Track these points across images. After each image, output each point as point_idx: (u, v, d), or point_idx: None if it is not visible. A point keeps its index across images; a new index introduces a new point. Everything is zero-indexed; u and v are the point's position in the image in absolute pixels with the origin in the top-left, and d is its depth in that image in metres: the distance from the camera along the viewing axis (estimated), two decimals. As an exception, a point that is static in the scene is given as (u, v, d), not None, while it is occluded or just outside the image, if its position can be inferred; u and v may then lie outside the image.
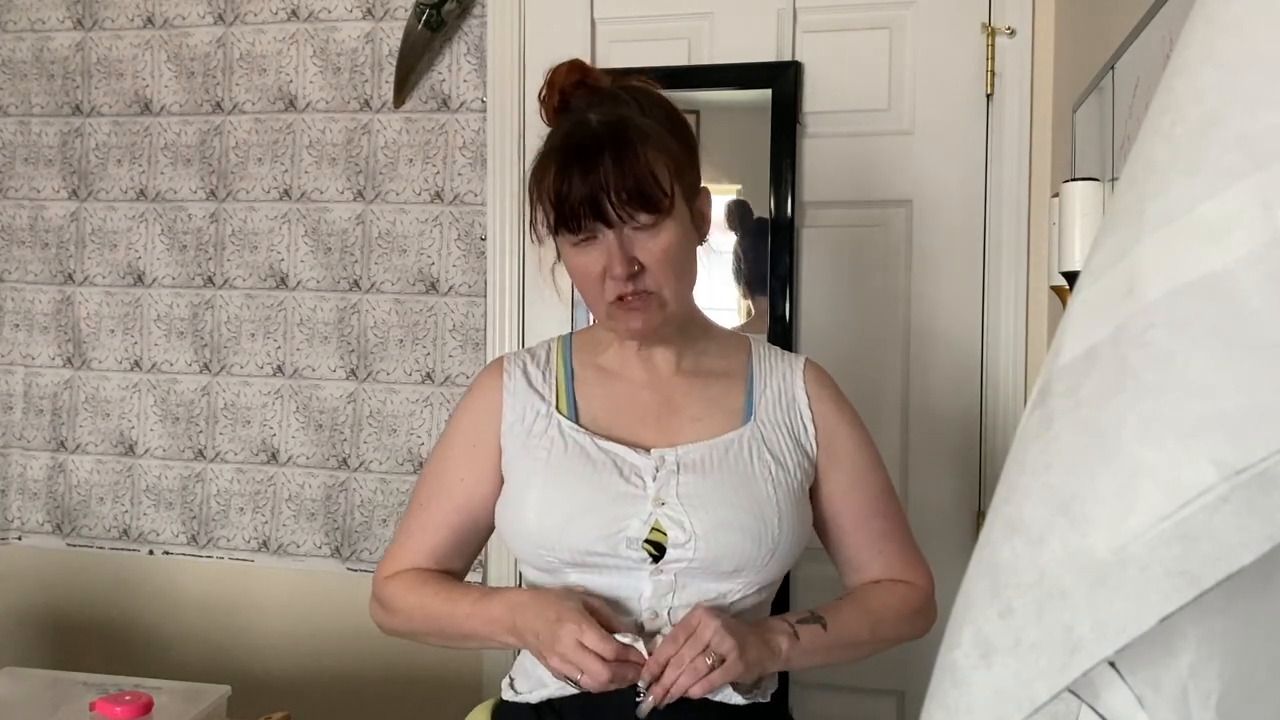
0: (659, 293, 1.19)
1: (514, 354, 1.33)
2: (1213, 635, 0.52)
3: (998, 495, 0.57)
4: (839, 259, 2.06)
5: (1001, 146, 1.99)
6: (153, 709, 1.55)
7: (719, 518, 1.17)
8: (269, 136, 2.34)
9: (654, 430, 1.24)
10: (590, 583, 1.19)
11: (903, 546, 1.31)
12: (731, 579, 1.18)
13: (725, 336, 1.36)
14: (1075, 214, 1.32)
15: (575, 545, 1.17)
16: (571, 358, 1.31)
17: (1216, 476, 0.47)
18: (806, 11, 2.06)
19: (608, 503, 1.18)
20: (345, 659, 2.29)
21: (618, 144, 1.14)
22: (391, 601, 1.29)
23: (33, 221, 2.48)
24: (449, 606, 1.23)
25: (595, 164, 1.13)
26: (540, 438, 1.24)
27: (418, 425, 2.27)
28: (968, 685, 0.54)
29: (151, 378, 2.41)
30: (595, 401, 1.27)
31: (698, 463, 1.20)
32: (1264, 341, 0.47)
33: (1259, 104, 0.50)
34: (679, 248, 1.19)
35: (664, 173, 1.16)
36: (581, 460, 1.21)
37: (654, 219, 1.16)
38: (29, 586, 2.48)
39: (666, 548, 1.17)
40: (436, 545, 1.29)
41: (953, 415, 2.02)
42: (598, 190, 1.13)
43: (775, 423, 1.26)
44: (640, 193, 1.13)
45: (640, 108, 1.20)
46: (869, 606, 1.27)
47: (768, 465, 1.22)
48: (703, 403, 1.26)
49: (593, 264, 1.18)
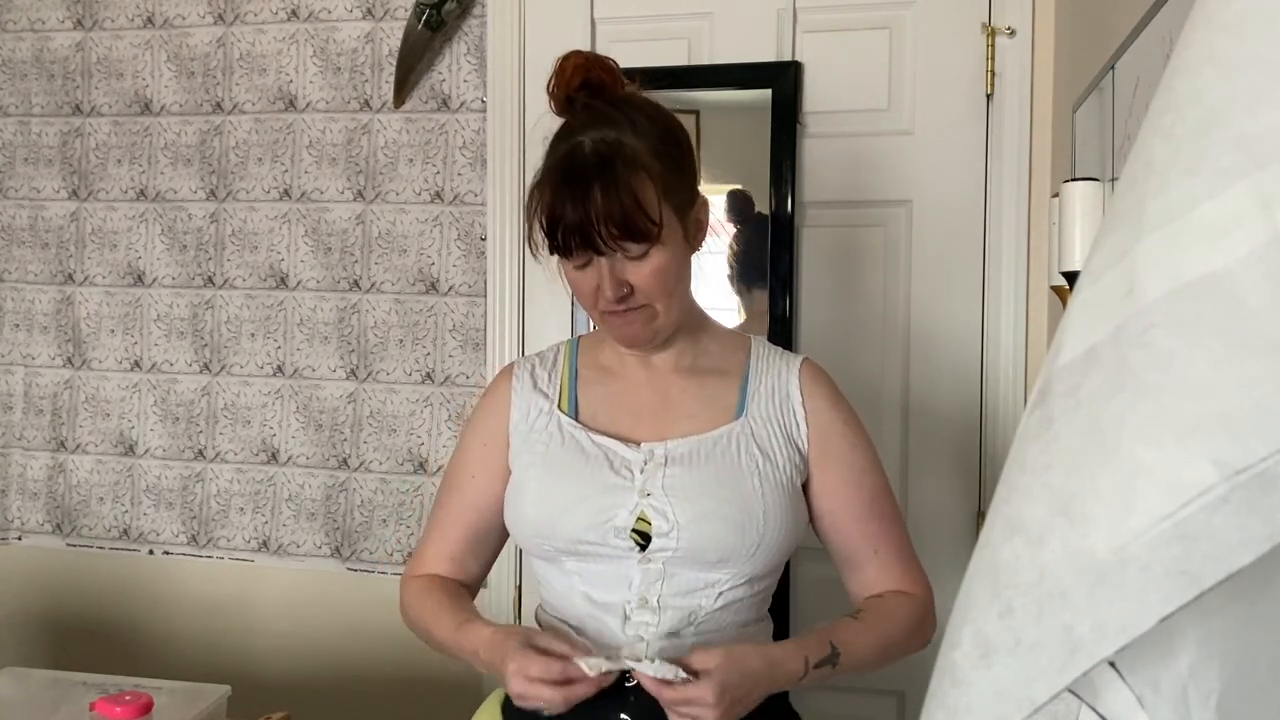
0: (651, 305, 1.23)
1: (525, 358, 1.40)
2: (1213, 635, 0.52)
3: (998, 495, 0.57)
4: (839, 259, 2.06)
5: (1001, 147, 1.98)
6: (153, 709, 1.55)
7: (702, 509, 1.20)
8: (269, 136, 2.34)
9: (649, 426, 1.28)
10: (584, 570, 1.24)
11: (900, 552, 1.31)
12: (718, 569, 1.21)
13: (726, 335, 1.38)
14: (1075, 214, 1.32)
15: (568, 534, 1.23)
16: (577, 359, 1.37)
17: (1216, 476, 0.47)
18: (806, 11, 2.06)
19: (598, 494, 1.23)
20: (345, 659, 2.29)
21: (606, 175, 1.17)
22: (405, 604, 1.36)
23: (33, 221, 2.48)
24: (435, 625, 1.30)
25: (586, 195, 1.16)
26: (540, 433, 1.30)
27: (418, 425, 2.27)
28: (968, 685, 0.54)
29: (151, 378, 2.41)
30: (595, 399, 1.32)
31: (685, 456, 1.24)
32: (1264, 341, 0.47)
33: (1259, 104, 0.50)
34: (670, 268, 1.22)
35: (651, 200, 1.18)
36: (576, 454, 1.26)
37: (644, 248, 1.19)
38: (29, 586, 2.48)
39: (652, 537, 1.21)
40: (454, 544, 1.36)
41: (953, 415, 2.02)
42: (586, 223, 1.16)
43: (766, 418, 1.28)
44: (627, 225, 1.16)
45: (634, 128, 1.21)
46: (882, 633, 1.26)
47: (755, 459, 1.24)
48: (698, 400, 1.30)
49: (586, 283, 1.23)
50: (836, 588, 1.36)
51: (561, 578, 1.27)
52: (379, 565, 2.28)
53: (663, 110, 1.27)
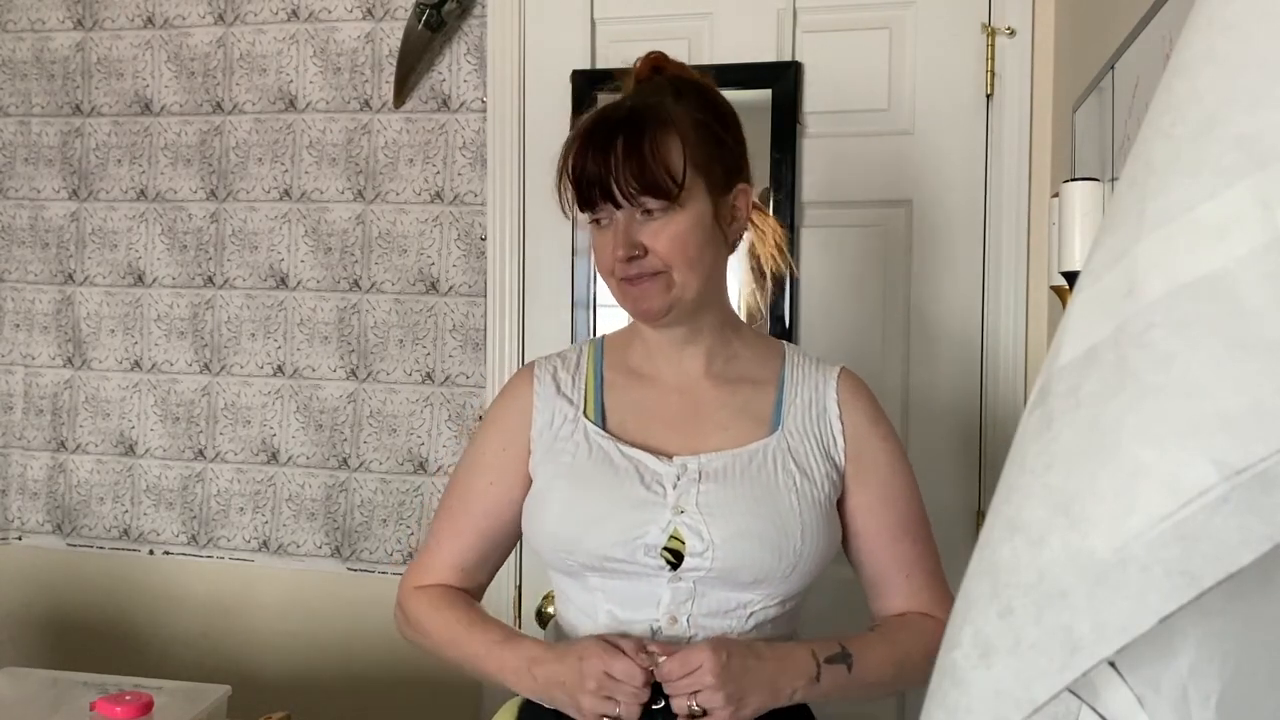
0: (668, 272, 1.18)
1: (545, 359, 1.33)
2: (1213, 635, 0.52)
3: (998, 495, 0.57)
4: (839, 259, 2.06)
5: (1001, 146, 1.98)
6: (153, 709, 1.55)
7: (738, 528, 1.15)
8: (269, 136, 2.34)
9: (680, 436, 1.23)
10: (608, 586, 1.19)
11: (930, 577, 1.25)
12: (751, 589, 1.17)
13: (759, 342, 1.34)
14: (1075, 214, 1.32)
15: (594, 550, 1.17)
16: (602, 362, 1.31)
17: (1216, 476, 0.47)
18: (806, 11, 2.06)
19: (628, 509, 1.17)
20: (345, 659, 2.29)
21: (633, 128, 1.16)
22: (415, 617, 1.29)
23: (33, 221, 2.48)
24: (467, 638, 1.23)
25: (609, 146, 1.15)
26: (566, 442, 1.24)
27: (418, 425, 2.27)
28: (968, 685, 0.54)
29: (151, 378, 2.41)
30: (623, 407, 1.26)
31: (720, 472, 1.19)
32: (1263, 341, 0.47)
33: (1259, 104, 0.50)
34: (691, 236, 1.17)
35: (676, 160, 1.16)
36: (605, 466, 1.21)
37: (662, 205, 1.16)
38: (29, 586, 2.48)
39: (684, 556, 1.16)
40: (464, 553, 1.29)
41: (952, 415, 2.02)
42: (606, 172, 1.15)
43: (803, 433, 1.23)
44: (645, 177, 1.14)
45: (678, 97, 1.20)
46: (898, 646, 1.21)
47: (792, 476, 1.19)
48: (730, 410, 1.25)
49: (604, 244, 1.19)
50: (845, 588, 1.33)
51: (584, 593, 1.22)
52: (379, 565, 2.28)
53: (720, 96, 1.26)
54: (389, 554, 2.27)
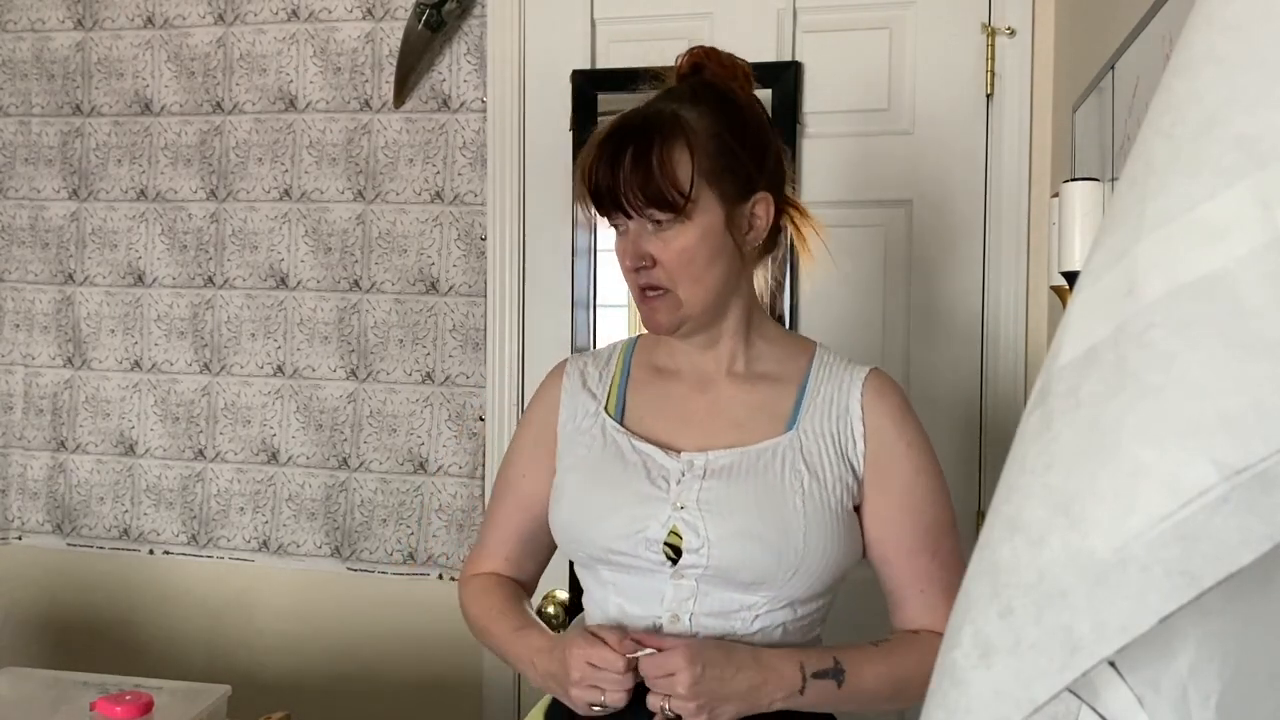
0: (673, 291, 1.19)
1: (577, 356, 1.37)
2: (1213, 635, 0.52)
3: (998, 495, 0.57)
4: (839, 259, 2.05)
5: (1001, 146, 1.98)
6: (153, 709, 1.55)
7: (735, 526, 1.15)
8: (269, 136, 2.34)
9: (693, 433, 1.22)
10: (618, 580, 1.21)
11: (945, 596, 1.18)
12: (753, 591, 1.16)
13: (787, 340, 1.32)
14: (1075, 214, 1.32)
15: (600, 542, 1.20)
16: (631, 359, 1.33)
17: (1216, 476, 0.47)
18: (806, 11, 2.06)
19: (632, 503, 1.19)
20: (345, 659, 2.29)
21: (643, 139, 1.16)
22: (464, 603, 1.35)
23: (33, 221, 2.48)
24: (496, 626, 1.28)
25: (619, 158, 1.16)
26: (584, 435, 1.27)
27: (418, 425, 2.27)
28: (967, 685, 0.54)
29: (151, 378, 2.41)
30: (643, 402, 1.28)
31: (725, 469, 1.18)
32: (1263, 341, 0.47)
33: (1259, 104, 0.50)
34: (699, 249, 1.17)
35: (684, 173, 1.15)
36: (615, 459, 1.23)
37: (670, 217, 1.16)
38: (29, 586, 2.48)
39: (683, 551, 1.16)
40: (508, 545, 1.34)
41: (952, 415, 2.02)
42: (614, 184, 1.16)
43: (819, 433, 1.20)
44: (650, 190, 1.14)
45: (699, 105, 1.20)
46: (899, 665, 1.17)
47: (800, 477, 1.17)
48: (747, 408, 1.23)
49: (621, 251, 1.21)
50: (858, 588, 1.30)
51: (598, 586, 1.24)
52: (379, 565, 2.28)
53: (751, 104, 1.26)
54: (389, 554, 2.27)
